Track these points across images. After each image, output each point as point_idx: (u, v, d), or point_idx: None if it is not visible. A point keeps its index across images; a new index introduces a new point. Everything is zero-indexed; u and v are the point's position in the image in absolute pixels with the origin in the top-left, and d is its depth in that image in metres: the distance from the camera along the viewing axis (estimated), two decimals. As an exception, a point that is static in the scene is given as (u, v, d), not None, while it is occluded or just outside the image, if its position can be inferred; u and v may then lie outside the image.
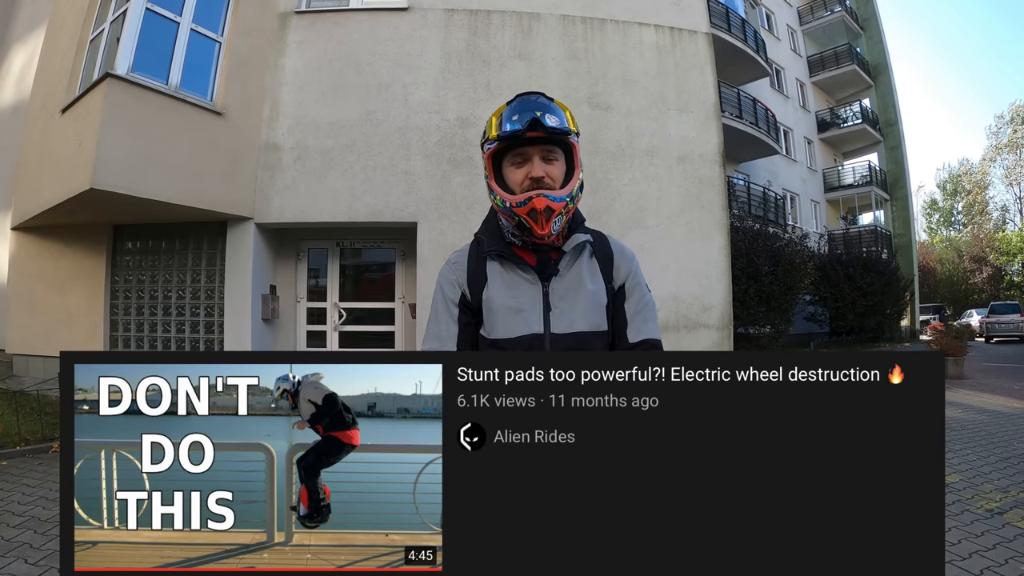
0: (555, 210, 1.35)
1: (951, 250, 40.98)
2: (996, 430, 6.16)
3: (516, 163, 1.39)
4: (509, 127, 1.34)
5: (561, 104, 1.39)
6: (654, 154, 8.04)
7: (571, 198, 1.39)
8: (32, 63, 8.57)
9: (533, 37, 8.08)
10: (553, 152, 1.39)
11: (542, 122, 1.32)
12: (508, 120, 1.35)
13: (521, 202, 1.35)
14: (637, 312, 1.49)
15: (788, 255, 12.27)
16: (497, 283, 1.44)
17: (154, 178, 6.41)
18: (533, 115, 1.31)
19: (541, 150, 1.37)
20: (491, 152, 1.41)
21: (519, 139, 1.35)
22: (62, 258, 8.28)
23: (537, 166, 1.36)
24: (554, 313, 1.41)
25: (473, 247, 1.52)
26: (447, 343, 1.45)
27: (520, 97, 1.38)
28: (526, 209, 1.35)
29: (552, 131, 1.34)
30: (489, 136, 1.39)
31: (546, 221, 1.35)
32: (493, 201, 1.45)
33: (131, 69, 6.30)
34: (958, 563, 2.97)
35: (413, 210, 7.56)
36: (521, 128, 1.32)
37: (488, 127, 1.41)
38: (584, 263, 1.47)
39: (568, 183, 1.40)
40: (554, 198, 1.35)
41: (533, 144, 1.36)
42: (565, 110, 1.38)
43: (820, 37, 25.02)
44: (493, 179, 1.43)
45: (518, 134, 1.33)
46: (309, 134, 7.62)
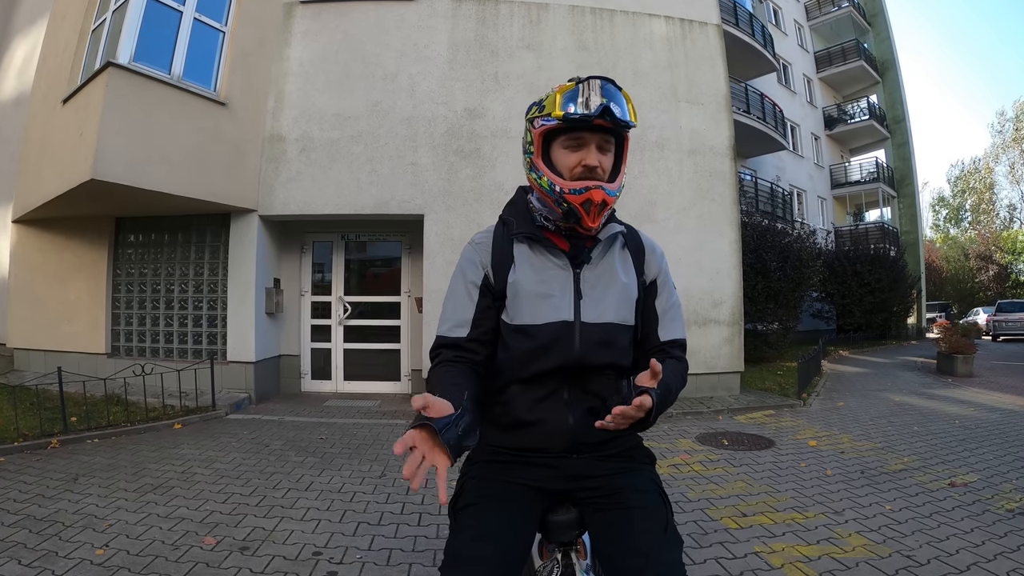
0: (608, 204, 1.34)
1: (955, 247, 40.90)
2: (1010, 429, 6.13)
3: (571, 147, 1.34)
4: (577, 110, 1.28)
5: (626, 94, 1.34)
6: (664, 147, 7.93)
7: (619, 192, 1.38)
8: (34, 55, 8.51)
9: (542, 27, 7.96)
10: (609, 142, 1.36)
11: (612, 111, 1.28)
12: (573, 101, 1.29)
13: (577, 190, 1.31)
14: (667, 311, 1.49)
15: (797, 251, 12.14)
16: (525, 267, 1.40)
17: (156, 169, 6.31)
18: (605, 103, 1.27)
19: (600, 138, 1.33)
20: (545, 130, 1.35)
21: (586, 124, 1.30)
22: (64, 251, 8.22)
23: (593, 154, 1.32)
24: (585, 301, 1.38)
25: (499, 228, 1.47)
26: (463, 328, 1.40)
27: (591, 78, 1.30)
28: (581, 199, 1.31)
29: (619, 122, 1.30)
30: (551, 113, 1.31)
31: (598, 214, 1.34)
32: (537, 182, 1.39)
33: (133, 58, 6.19)
34: (984, 565, 2.91)
35: (420, 202, 7.45)
36: (592, 114, 1.27)
37: (549, 104, 1.33)
38: (616, 254, 1.46)
39: (617, 176, 1.39)
40: (610, 192, 1.33)
41: (594, 131, 1.32)
42: (628, 101, 1.33)
43: (827, 33, 24.95)
44: (540, 158, 1.38)
45: (587, 119, 1.28)
46: (314, 125, 7.52)
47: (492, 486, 1.38)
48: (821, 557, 3.00)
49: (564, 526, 1.40)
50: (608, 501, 1.36)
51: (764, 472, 4.61)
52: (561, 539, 1.42)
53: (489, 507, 1.34)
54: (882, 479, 4.39)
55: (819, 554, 3.04)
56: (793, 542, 3.20)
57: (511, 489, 1.38)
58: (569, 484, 1.40)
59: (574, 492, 1.41)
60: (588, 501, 1.39)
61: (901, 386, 9.44)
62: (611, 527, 1.32)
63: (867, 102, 24.66)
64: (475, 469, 1.44)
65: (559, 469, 1.40)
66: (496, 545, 1.25)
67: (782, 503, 3.87)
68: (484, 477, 1.41)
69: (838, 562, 2.94)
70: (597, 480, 1.39)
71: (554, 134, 1.36)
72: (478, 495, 1.37)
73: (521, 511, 1.36)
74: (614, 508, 1.34)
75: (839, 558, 2.99)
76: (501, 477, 1.40)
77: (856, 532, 3.33)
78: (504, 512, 1.33)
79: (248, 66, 7.37)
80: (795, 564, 2.92)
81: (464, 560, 1.23)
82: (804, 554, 3.04)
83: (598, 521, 1.36)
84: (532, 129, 1.38)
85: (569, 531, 1.41)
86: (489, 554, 1.23)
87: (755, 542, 3.21)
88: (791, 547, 3.13)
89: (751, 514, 3.66)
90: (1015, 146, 39.43)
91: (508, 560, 1.26)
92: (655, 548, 1.24)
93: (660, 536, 1.28)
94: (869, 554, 3.03)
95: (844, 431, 6.09)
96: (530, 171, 1.41)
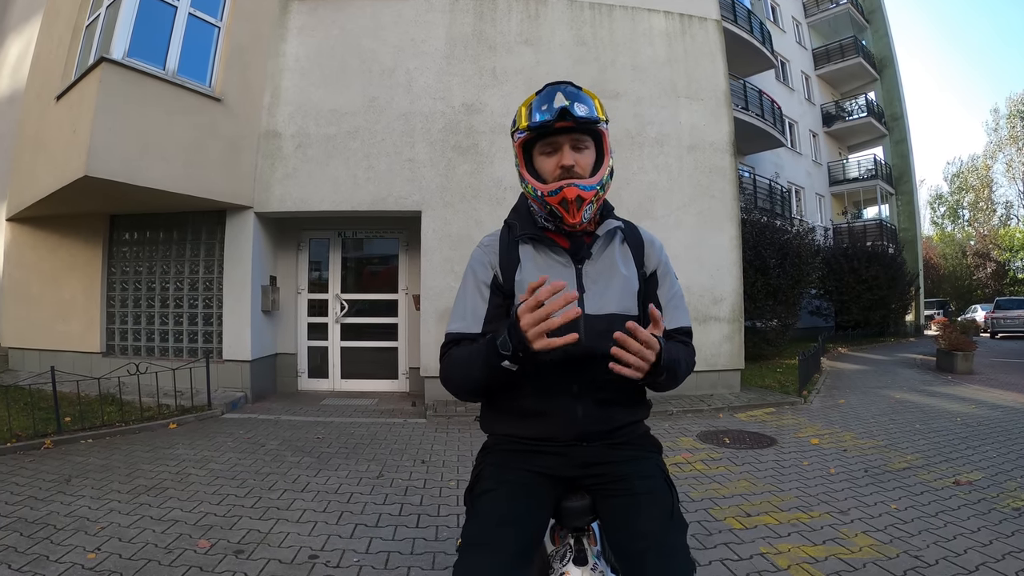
0: (585, 199, 1.39)
1: (952, 245, 40.99)
2: (1013, 426, 6.10)
3: (546, 152, 1.42)
4: (539, 117, 1.37)
5: (590, 93, 1.42)
6: (664, 143, 7.86)
7: (601, 186, 1.43)
8: (28, 52, 8.41)
9: (540, 22, 7.89)
10: (583, 141, 1.42)
11: (571, 111, 1.34)
12: (537, 110, 1.38)
13: (552, 191, 1.39)
14: (670, 299, 1.55)
15: (796, 248, 12.09)
16: (530, 265, 1.47)
17: (151, 166, 6.23)
18: (562, 105, 1.34)
19: (571, 139, 1.40)
20: (521, 141, 1.45)
21: (549, 129, 1.38)
22: (58, 249, 8.15)
23: (567, 155, 1.39)
24: (588, 295, 1.44)
25: (504, 231, 1.56)
26: (474, 325, 1.45)
27: (548, 87, 1.40)
28: (557, 198, 1.38)
29: (581, 120, 1.36)
30: (519, 126, 1.42)
31: (577, 210, 1.39)
32: (525, 189, 1.49)
33: (127, 54, 6.12)
34: (992, 565, 2.87)
35: (417, 199, 7.38)
36: (550, 119, 1.35)
37: (518, 117, 1.44)
38: (616, 248, 1.52)
39: (598, 171, 1.43)
40: (584, 187, 1.38)
41: (563, 133, 1.39)
42: (594, 99, 1.41)
43: (825, 30, 24.95)
44: (524, 168, 1.46)
45: (547, 124, 1.36)
46: (310, 121, 7.44)
47: (508, 473, 1.43)
48: (828, 558, 2.95)
49: (578, 512, 1.45)
50: (616, 487, 1.41)
51: (767, 471, 4.56)
52: (574, 524, 1.48)
53: (507, 493, 1.39)
54: (886, 477, 4.34)
55: (826, 555, 2.99)
56: (799, 542, 3.15)
57: (526, 476, 1.43)
58: (579, 471, 1.45)
59: (584, 479, 1.46)
60: (597, 488, 1.44)
61: (901, 383, 9.40)
62: (619, 512, 1.38)
63: (865, 99, 24.63)
64: (492, 457, 1.50)
65: (569, 457, 1.44)
66: (516, 529, 1.31)
67: (786, 502, 3.82)
68: (501, 465, 1.46)
69: (845, 563, 2.89)
70: (605, 467, 1.44)
71: (532, 143, 1.44)
72: (497, 482, 1.42)
73: (536, 497, 1.41)
74: (621, 494, 1.40)
75: (846, 559, 2.93)
76: (517, 465, 1.45)
77: (862, 532, 3.28)
78: (521, 498, 1.38)
79: (244, 62, 7.29)
80: (802, 565, 2.87)
81: (484, 544, 1.28)
82: (811, 555, 2.99)
83: (607, 507, 1.41)
84: (514, 143, 1.48)
85: (583, 517, 1.46)
86: (509, 538, 1.29)
87: (760, 543, 3.15)
88: (797, 548, 3.08)
89: (755, 514, 3.61)
90: (1011, 143, 39.47)
91: (526, 544, 1.33)
92: (660, 531, 1.30)
93: (666, 520, 1.33)
94: (876, 554, 2.98)
95: (846, 429, 6.04)
96: (520, 181, 1.49)
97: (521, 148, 1.45)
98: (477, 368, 1.32)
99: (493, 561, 1.24)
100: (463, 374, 1.38)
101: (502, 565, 1.24)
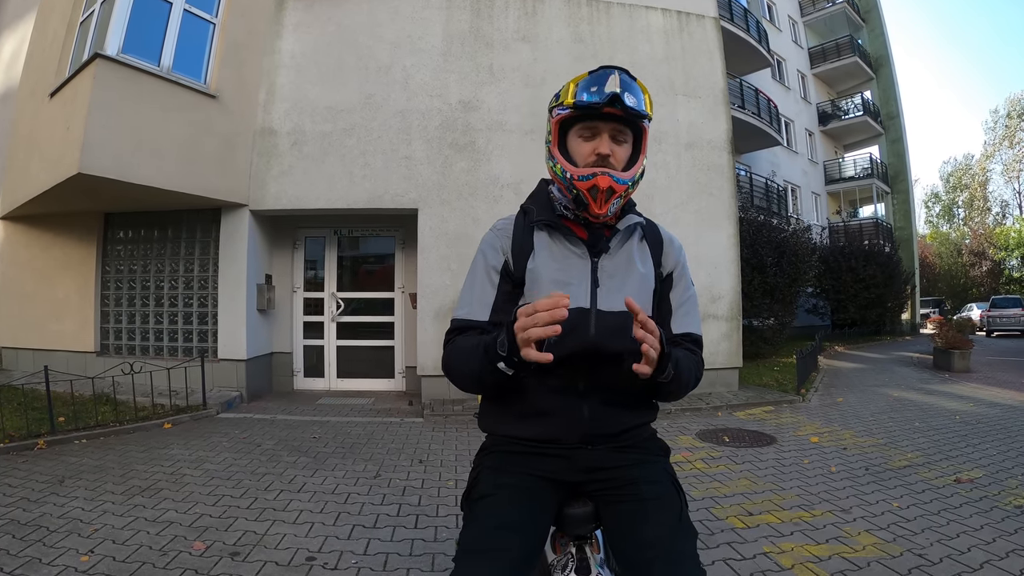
0: (616, 191, 1.33)
1: (947, 244, 41.13)
2: (1011, 424, 6.11)
3: (584, 136, 1.36)
4: (587, 97, 1.30)
5: (643, 86, 1.34)
6: (662, 140, 7.83)
7: (633, 183, 1.37)
8: (22, 49, 8.33)
9: (537, 19, 7.84)
10: (623, 133, 1.36)
11: (622, 100, 1.28)
12: (586, 90, 1.31)
13: (584, 176, 1.32)
14: (682, 303, 1.50)
15: (793, 247, 12.09)
16: (544, 254, 1.41)
17: (145, 163, 6.17)
18: (614, 91, 1.28)
19: (612, 128, 1.34)
20: (561, 118, 1.37)
21: (594, 112, 1.31)
22: (52, 248, 8.07)
23: (605, 143, 1.33)
24: (602, 290, 1.38)
25: (519, 216, 1.49)
26: (481, 311, 1.39)
27: (604, 69, 1.32)
28: (588, 184, 1.32)
29: (630, 111, 1.30)
30: (563, 101, 1.35)
31: (605, 201, 1.33)
32: (551, 169, 1.42)
33: (121, 50, 6.05)
34: (996, 563, 2.85)
35: (414, 196, 7.33)
36: (599, 101, 1.28)
37: (564, 92, 1.36)
38: (635, 245, 1.47)
39: (633, 166, 1.38)
40: (619, 179, 1.33)
41: (606, 120, 1.33)
42: (645, 93, 1.34)
43: (821, 28, 24.97)
44: (556, 146, 1.40)
45: (595, 107, 1.30)
46: (306, 118, 7.38)
47: (508, 477, 1.37)
48: (831, 557, 2.92)
49: (581, 519, 1.39)
50: (622, 492, 1.35)
51: (768, 469, 4.54)
52: (577, 532, 1.41)
53: (506, 498, 1.32)
54: (887, 476, 4.32)
55: (829, 554, 2.96)
56: (802, 541, 3.12)
57: (527, 480, 1.36)
58: (583, 476, 1.39)
59: (588, 484, 1.39)
60: (602, 493, 1.38)
61: (899, 381, 9.40)
62: (625, 519, 1.32)
63: (861, 98, 24.66)
64: (490, 459, 1.43)
65: (573, 460, 1.38)
66: (516, 535, 1.25)
67: (788, 501, 3.79)
68: (499, 468, 1.40)
69: (849, 562, 2.86)
70: (611, 471, 1.38)
71: (570, 124, 1.37)
72: (494, 486, 1.35)
73: (538, 502, 1.35)
74: (628, 500, 1.34)
75: (850, 558, 2.91)
76: (516, 468, 1.38)
77: (865, 530, 3.26)
78: (522, 503, 1.32)
79: (239, 58, 7.23)
80: (806, 565, 2.84)
81: (482, 551, 1.22)
82: (814, 554, 2.96)
83: (612, 513, 1.35)
84: (551, 118, 1.40)
85: (586, 524, 1.40)
86: (509, 544, 1.22)
87: (763, 542, 3.13)
88: (800, 547, 3.05)
89: (757, 513, 3.58)
90: (1009, 142, 39.62)
91: (527, 551, 1.26)
92: (668, 538, 1.25)
93: (674, 526, 1.28)
94: (880, 553, 2.95)
95: (845, 427, 6.03)
96: (548, 159, 1.42)
97: (558, 125, 1.38)
98: (476, 362, 1.25)
99: (492, 569, 1.18)
100: (462, 366, 1.32)
101: (501, 573, 1.18)
